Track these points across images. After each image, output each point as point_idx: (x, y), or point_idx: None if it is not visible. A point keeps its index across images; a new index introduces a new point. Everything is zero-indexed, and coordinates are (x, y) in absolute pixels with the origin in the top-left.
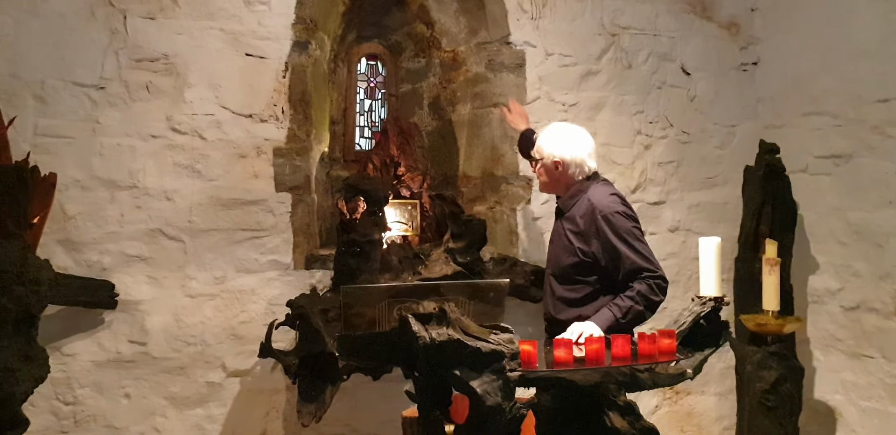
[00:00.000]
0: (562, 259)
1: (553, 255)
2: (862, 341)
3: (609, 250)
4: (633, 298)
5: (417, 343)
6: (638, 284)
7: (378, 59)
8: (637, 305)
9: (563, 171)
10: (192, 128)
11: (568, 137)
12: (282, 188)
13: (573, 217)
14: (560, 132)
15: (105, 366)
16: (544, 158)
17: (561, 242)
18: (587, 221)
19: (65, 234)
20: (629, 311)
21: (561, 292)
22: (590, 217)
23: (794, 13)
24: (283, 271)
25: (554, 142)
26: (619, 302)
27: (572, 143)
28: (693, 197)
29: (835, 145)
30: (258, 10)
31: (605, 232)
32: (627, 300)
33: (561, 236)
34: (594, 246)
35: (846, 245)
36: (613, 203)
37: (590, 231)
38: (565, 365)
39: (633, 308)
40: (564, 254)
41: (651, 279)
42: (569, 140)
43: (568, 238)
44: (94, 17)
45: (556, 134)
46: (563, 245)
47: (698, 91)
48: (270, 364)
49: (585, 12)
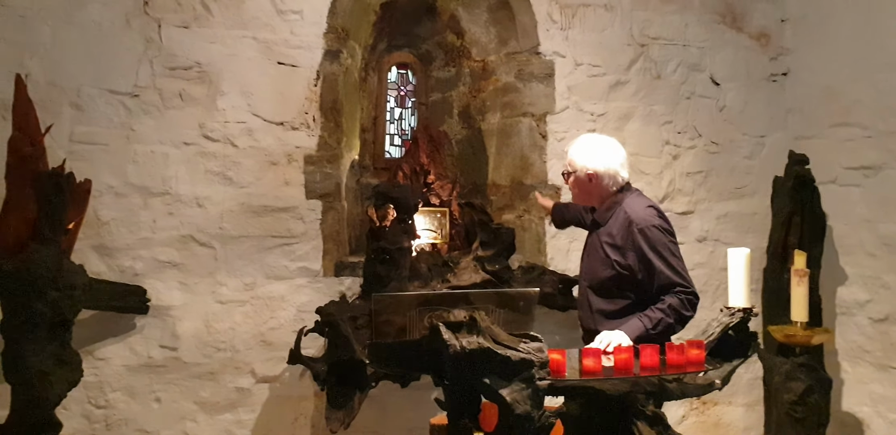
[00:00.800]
0: (599, 272)
1: (589, 267)
2: (890, 353)
3: (644, 263)
4: (664, 311)
5: (447, 351)
6: (670, 297)
7: (409, 68)
8: (667, 317)
9: (597, 184)
10: (224, 135)
11: (600, 149)
12: (312, 196)
13: (609, 230)
14: (591, 143)
15: (137, 370)
16: (577, 171)
17: (598, 254)
18: (623, 234)
19: (99, 239)
20: (659, 322)
21: (599, 305)
22: (626, 230)
23: (825, 24)
24: (312, 278)
25: (586, 154)
26: (650, 313)
27: (604, 154)
28: (722, 207)
29: (865, 157)
30: (291, 20)
31: (640, 245)
32: (658, 312)
33: (597, 249)
34: (630, 259)
35: (875, 257)
36: (650, 216)
37: (626, 244)
38: (594, 374)
39: (664, 320)
40: (601, 266)
41: (683, 294)
42: (601, 151)
43: (605, 251)
44: (130, 26)
45: (587, 146)
46: (600, 258)
47: (728, 101)
48: (299, 371)
49: (615, 23)
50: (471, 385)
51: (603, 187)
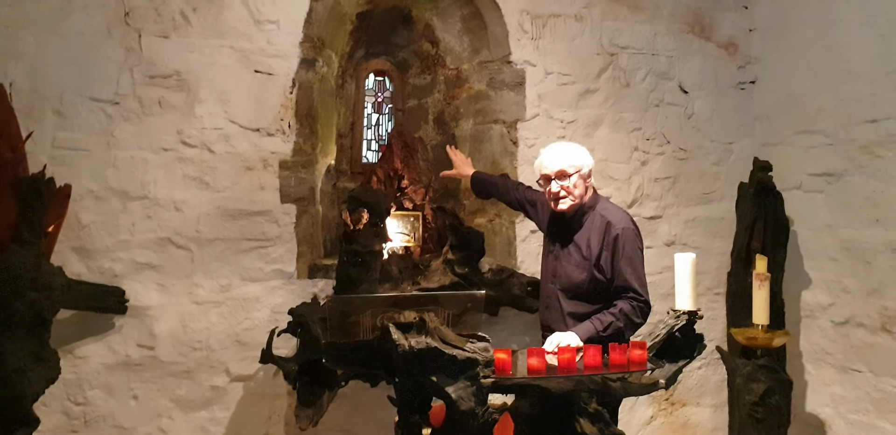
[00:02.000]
0: (573, 275)
1: (561, 271)
2: (851, 356)
3: (612, 264)
4: (615, 315)
5: (397, 351)
6: (623, 302)
7: (386, 75)
8: (618, 321)
9: (589, 184)
10: (202, 141)
11: (582, 149)
12: (287, 200)
13: (587, 233)
14: (572, 145)
15: (115, 368)
16: (581, 169)
17: (571, 258)
18: (600, 237)
19: (79, 242)
20: (610, 325)
21: (571, 308)
22: (604, 232)
23: (790, 34)
24: (286, 280)
25: (579, 153)
26: (602, 317)
27: (587, 153)
28: (690, 212)
29: (827, 164)
30: (267, 29)
31: (615, 246)
32: (609, 316)
33: (571, 253)
34: (605, 260)
35: (837, 261)
36: (627, 221)
37: (603, 246)
38: (538, 373)
39: (614, 324)
40: (576, 270)
41: (636, 301)
42: (584, 151)
43: (581, 254)
44: (111, 36)
45: (574, 147)
46: (575, 261)
47: (696, 109)
48: (273, 370)
49: (584, 32)
50: (420, 383)
51: (589, 187)
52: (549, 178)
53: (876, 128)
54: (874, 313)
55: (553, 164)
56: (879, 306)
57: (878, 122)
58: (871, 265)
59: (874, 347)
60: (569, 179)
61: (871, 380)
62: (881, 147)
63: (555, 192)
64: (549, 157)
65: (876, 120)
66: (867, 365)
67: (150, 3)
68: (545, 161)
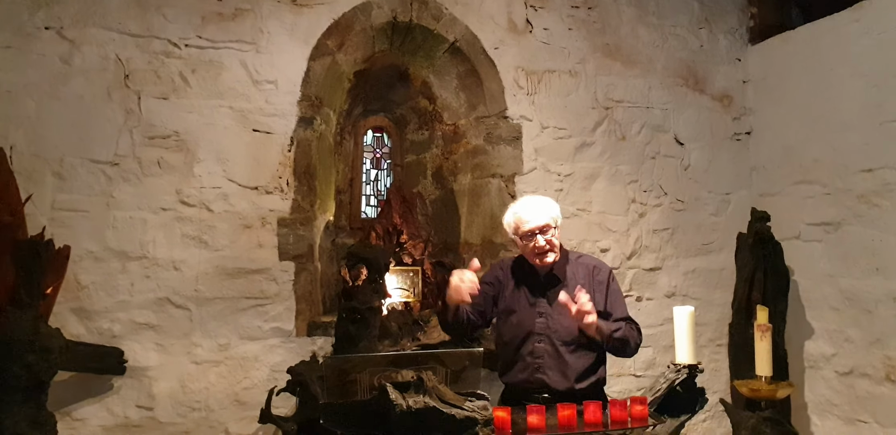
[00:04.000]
0: (572, 326)
1: (555, 325)
2: (856, 406)
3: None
4: (632, 329)
5: (395, 410)
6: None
7: (384, 131)
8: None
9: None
10: (200, 200)
11: (553, 201)
12: (285, 257)
13: (573, 283)
14: (544, 199)
15: (113, 431)
16: (558, 221)
17: (565, 310)
18: (588, 282)
19: (78, 302)
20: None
21: (575, 362)
22: (592, 277)
23: (783, 85)
24: (285, 338)
25: (554, 205)
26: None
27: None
28: (689, 263)
29: (825, 213)
30: (265, 89)
31: (607, 287)
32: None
33: (562, 306)
34: (598, 303)
35: (839, 311)
36: (603, 263)
37: (596, 289)
38: (538, 431)
39: (623, 330)
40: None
41: (635, 324)
42: (555, 204)
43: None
44: (111, 99)
45: (546, 200)
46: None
47: (692, 160)
48: (272, 430)
49: (579, 87)
50: None
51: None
52: (534, 233)
53: (872, 177)
54: (878, 363)
55: (537, 218)
56: (883, 356)
57: (873, 172)
58: (873, 315)
59: (879, 398)
60: (551, 232)
61: (877, 431)
62: (878, 196)
63: (541, 246)
64: (529, 213)
65: (871, 169)
66: (873, 416)
67: (149, 66)
68: (525, 216)
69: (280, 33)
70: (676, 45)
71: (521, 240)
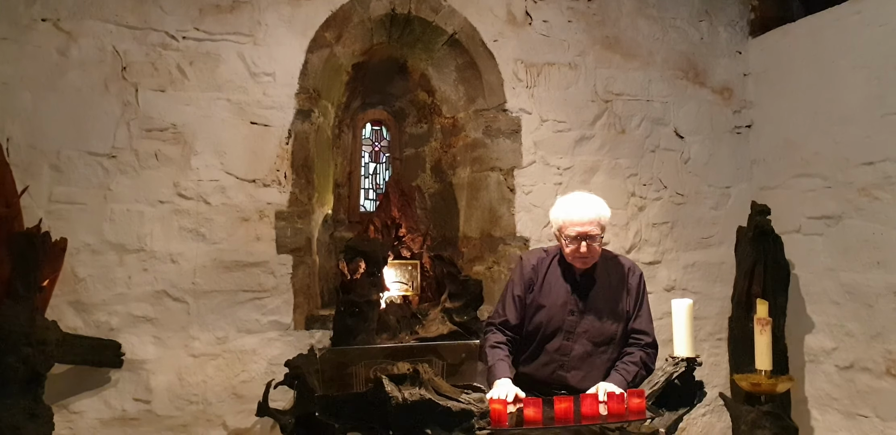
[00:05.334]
0: (605, 328)
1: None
2: (857, 401)
3: (634, 307)
4: (637, 365)
5: (390, 403)
6: (639, 351)
7: (382, 125)
8: (641, 370)
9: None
10: (198, 193)
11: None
12: (283, 250)
13: (608, 282)
14: (599, 201)
15: (110, 424)
16: (606, 227)
17: (600, 310)
18: (623, 283)
19: (75, 295)
20: (637, 375)
21: (601, 363)
22: (623, 277)
23: (785, 78)
24: (283, 332)
25: (606, 209)
26: (627, 367)
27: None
28: (689, 257)
29: (825, 207)
30: (263, 81)
31: (637, 289)
32: (633, 366)
33: (597, 306)
34: (629, 305)
35: (839, 305)
36: (635, 264)
37: (626, 290)
38: (535, 423)
39: (640, 373)
40: (610, 321)
41: (650, 348)
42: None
43: (613, 305)
44: (108, 91)
45: (600, 203)
46: (608, 312)
47: (692, 154)
48: (270, 423)
49: (579, 80)
50: None
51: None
52: (581, 237)
53: (873, 170)
54: (878, 357)
55: (585, 225)
56: (883, 350)
57: (874, 165)
58: (874, 309)
59: (880, 392)
60: (598, 240)
61: (878, 425)
62: (879, 189)
63: (584, 253)
64: (579, 216)
65: (872, 162)
66: (873, 410)
67: (146, 58)
68: (574, 218)
69: (278, 25)
70: (676, 38)
71: (565, 241)
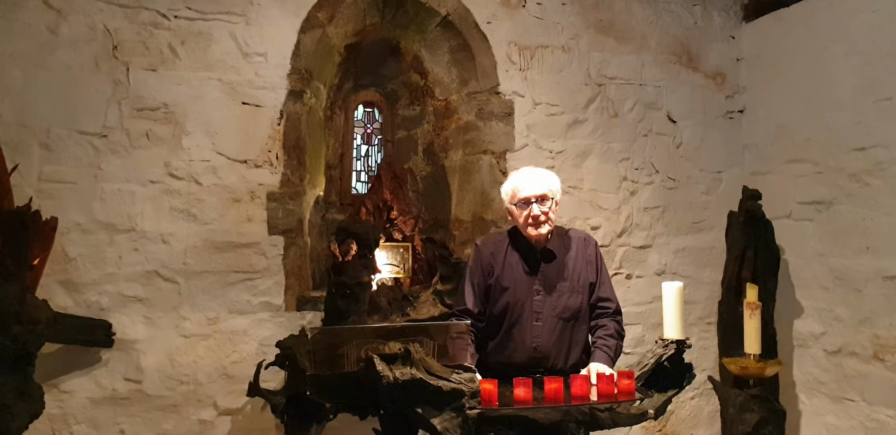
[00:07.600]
0: (570, 302)
1: (554, 302)
2: (844, 385)
3: (596, 276)
4: (614, 337)
5: (381, 382)
6: (609, 322)
7: (375, 107)
8: (620, 341)
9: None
10: (189, 173)
11: (554, 175)
12: (274, 231)
13: (570, 256)
14: (545, 170)
15: (101, 403)
16: (557, 195)
17: (565, 284)
18: (583, 254)
19: (65, 275)
20: (618, 349)
21: (576, 336)
22: (584, 249)
23: (777, 63)
24: (274, 313)
25: (555, 178)
26: (607, 343)
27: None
28: (679, 241)
29: (816, 192)
30: (255, 62)
31: (597, 258)
32: (612, 340)
33: (559, 282)
34: (591, 275)
35: (828, 290)
36: (589, 235)
37: (587, 261)
38: (525, 403)
39: (619, 346)
40: (573, 295)
41: (618, 314)
42: (556, 177)
43: (575, 279)
44: (99, 70)
45: (547, 172)
46: (571, 287)
47: (684, 138)
48: (261, 403)
49: (572, 64)
50: (405, 415)
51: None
52: (529, 201)
53: (864, 156)
54: (866, 342)
55: (535, 187)
56: (871, 335)
57: (865, 151)
58: (863, 294)
59: (867, 377)
60: (548, 203)
61: (864, 409)
62: (870, 175)
63: (536, 215)
64: (528, 181)
65: (864, 148)
66: (860, 394)
67: (138, 37)
68: (522, 184)
69: (270, 5)
70: (670, 22)
71: (517, 208)
